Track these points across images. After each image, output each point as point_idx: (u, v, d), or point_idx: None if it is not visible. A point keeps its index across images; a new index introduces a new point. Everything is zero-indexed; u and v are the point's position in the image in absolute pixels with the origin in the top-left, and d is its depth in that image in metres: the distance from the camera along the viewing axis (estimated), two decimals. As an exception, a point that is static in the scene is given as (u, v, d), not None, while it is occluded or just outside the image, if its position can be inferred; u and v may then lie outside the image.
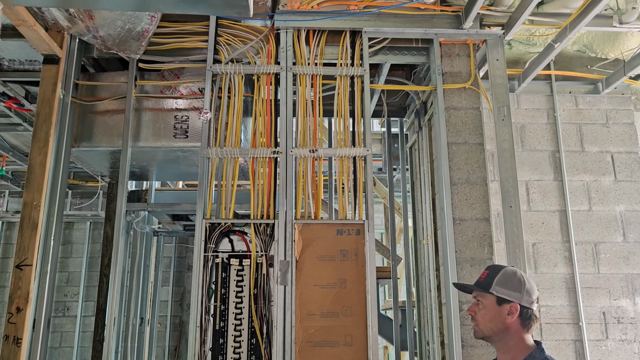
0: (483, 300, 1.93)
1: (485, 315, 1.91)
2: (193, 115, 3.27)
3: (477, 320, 1.94)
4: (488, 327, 1.90)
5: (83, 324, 7.53)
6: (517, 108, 3.96)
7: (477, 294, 1.96)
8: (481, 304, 1.93)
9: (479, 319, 1.93)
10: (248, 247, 2.89)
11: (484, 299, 1.93)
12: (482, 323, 1.92)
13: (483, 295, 1.94)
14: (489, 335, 1.91)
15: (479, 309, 1.93)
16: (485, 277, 1.96)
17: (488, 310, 1.91)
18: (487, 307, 1.92)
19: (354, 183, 3.01)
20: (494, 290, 1.91)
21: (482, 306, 1.93)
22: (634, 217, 3.77)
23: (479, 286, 1.96)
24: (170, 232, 5.11)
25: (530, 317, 1.91)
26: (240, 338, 2.76)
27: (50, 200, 2.89)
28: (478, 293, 1.95)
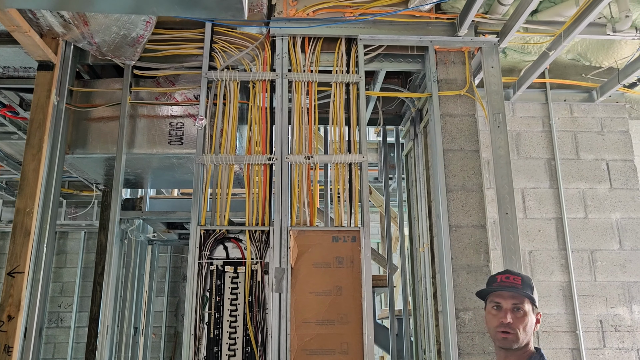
0: (523, 308, 1.85)
1: (527, 324, 1.84)
2: (188, 122, 3.26)
3: (515, 328, 1.83)
4: (527, 336, 1.84)
5: (77, 335, 7.45)
6: (512, 116, 3.97)
7: (520, 301, 1.86)
8: (522, 312, 1.85)
9: (519, 327, 1.83)
10: (243, 254, 2.86)
11: (523, 306, 1.86)
12: (522, 332, 1.83)
13: (524, 302, 1.86)
14: (524, 344, 1.84)
15: (518, 317, 1.85)
16: (522, 283, 1.89)
17: (529, 317, 1.86)
18: (529, 315, 1.86)
19: (349, 190, 3.00)
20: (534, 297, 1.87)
21: (522, 313, 1.85)
22: (630, 224, 3.77)
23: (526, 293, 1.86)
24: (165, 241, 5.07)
25: None
26: (235, 346, 2.73)
27: (43, 207, 2.86)
28: (519, 300, 1.86)
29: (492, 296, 1.92)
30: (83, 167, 3.41)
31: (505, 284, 1.90)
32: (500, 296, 1.89)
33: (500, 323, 1.86)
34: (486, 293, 1.94)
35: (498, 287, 1.91)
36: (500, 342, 1.87)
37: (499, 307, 1.88)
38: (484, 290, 1.96)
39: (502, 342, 1.86)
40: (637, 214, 3.78)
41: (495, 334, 1.88)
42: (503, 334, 1.84)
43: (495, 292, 1.91)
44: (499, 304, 1.89)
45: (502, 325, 1.85)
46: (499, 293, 1.90)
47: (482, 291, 1.97)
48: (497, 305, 1.89)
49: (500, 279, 1.93)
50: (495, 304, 1.90)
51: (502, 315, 1.86)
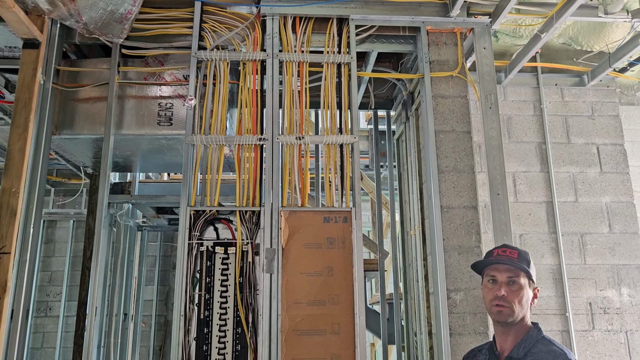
0: (519, 281, 1.84)
1: (522, 298, 1.83)
2: (177, 103, 3.22)
3: (510, 302, 1.82)
4: (522, 310, 1.83)
5: (66, 324, 7.38)
6: (503, 100, 3.97)
7: (516, 274, 1.85)
8: (517, 285, 1.83)
9: (514, 300, 1.82)
10: (233, 235, 2.84)
11: (519, 280, 1.84)
12: (517, 306, 1.82)
13: (519, 275, 1.85)
14: (519, 318, 1.83)
15: (513, 290, 1.83)
16: (518, 257, 1.87)
17: (525, 292, 1.84)
18: (524, 289, 1.84)
19: (341, 171, 2.98)
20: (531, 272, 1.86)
21: (518, 287, 1.83)
22: (620, 208, 3.78)
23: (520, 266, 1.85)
24: (154, 227, 5.03)
25: None
26: (226, 327, 2.71)
27: (30, 187, 2.82)
28: (515, 273, 1.85)
29: (488, 270, 1.91)
30: (71, 148, 3.36)
31: (502, 257, 1.89)
32: (495, 269, 1.88)
33: (495, 296, 1.84)
34: (482, 266, 1.93)
35: (494, 260, 1.90)
36: (495, 316, 1.86)
37: (495, 280, 1.87)
38: (480, 264, 1.95)
39: (496, 316, 1.85)
40: (626, 198, 3.80)
41: (491, 307, 1.87)
42: (497, 307, 1.83)
43: (491, 265, 1.90)
44: (494, 278, 1.88)
45: (496, 298, 1.84)
46: (494, 266, 1.89)
47: (478, 265, 1.96)
48: (492, 279, 1.88)
49: (496, 253, 1.92)
50: (491, 278, 1.89)
51: (496, 289, 1.85)
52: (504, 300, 1.82)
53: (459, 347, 2.77)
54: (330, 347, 2.66)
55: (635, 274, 3.65)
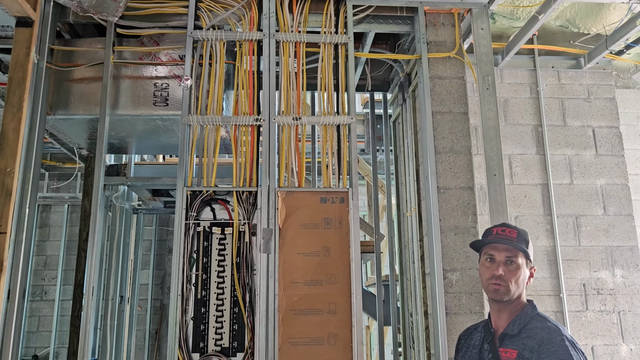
0: (516, 261, 1.86)
1: (519, 277, 1.85)
2: (173, 83, 3.19)
3: (507, 280, 1.84)
4: (519, 289, 1.86)
5: (61, 308, 7.40)
6: (500, 82, 3.96)
7: (514, 254, 1.87)
8: (515, 265, 1.86)
9: (511, 279, 1.84)
10: (230, 215, 2.84)
11: (517, 260, 1.86)
12: (514, 284, 1.84)
13: (517, 255, 1.87)
14: (515, 297, 1.86)
15: (510, 269, 1.86)
16: (517, 237, 1.89)
17: (522, 271, 1.86)
18: (521, 268, 1.86)
19: (337, 151, 2.97)
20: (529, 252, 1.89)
21: (515, 266, 1.86)
22: (614, 190, 3.81)
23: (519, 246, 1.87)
24: (150, 209, 5.02)
25: None
26: (223, 307, 2.72)
27: (25, 167, 2.80)
28: (513, 252, 1.87)
29: (487, 248, 1.92)
30: (65, 129, 3.33)
31: (501, 236, 1.90)
32: (494, 248, 1.90)
33: (493, 275, 1.87)
34: (481, 245, 1.95)
35: (493, 239, 1.91)
36: (491, 294, 1.88)
37: (493, 259, 1.89)
38: (478, 242, 1.96)
39: (493, 294, 1.87)
40: (621, 180, 3.83)
41: (487, 285, 1.89)
42: (495, 285, 1.86)
43: (490, 244, 1.92)
44: (492, 256, 1.89)
45: (494, 277, 1.86)
46: (493, 245, 1.90)
47: (476, 243, 1.97)
48: (490, 258, 1.90)
49: (496, 232, 1.93)
50: (489, 256, 1.91)
51: (494, 268, 1.87)
52: (501, 279, 1.85)
53: (455, 327, 2.80)
54: (327, 326, 2.67)
55: (628, 256, 3.69)
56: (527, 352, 1.76)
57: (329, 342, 2.65)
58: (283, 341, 2.64)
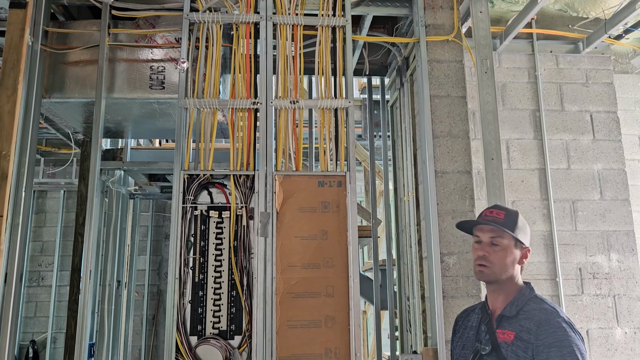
0: (502, 242, 1.86)
1: (503, 257, 1.85)
2: (169, 66, 3.17)
3: (491, 261, 1.85)
4: (504, 270, 1.85)
5: (58, 294, 7.41)
6: (498, 67, 3.94)
7: (498, 234, 1.86)
8: (500, 246, 1.85)
9: (494, 261, 1.85)
10: (227, 199, 2.83)
11: (503, 240, 1.86)
12: (497, 265, 1.84)
13: (503, 236, 1.86)
14: (502, 278, 1.86)
15: (495, 250, 1.85)
16: (504, 218, 1.88)
17: (507, 252, 1.85)
18: (506, 250, 1.85)
19: (335, 135, 2.96)
20: (516, 232, 1.87)
21: (500, 247, 1.85)
22: (611, 175, 3.81)
23: (503, 226, 1.86)
24: (147, 194, 5.01)
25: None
26: (220, 290, 2.72)
27: (20, 150, 2.78)
28: (498, 233, 1.87)
29: (475, 230, 1.94)
30: (61, 113, 3.31)
31: (488, 218, 1.92)
32: (480, 230, 1.92)
33: (478, 256, 1.89)
34: (469, 227, 1.97)
35: (477, 221, 1.93)
36: (477, 275, 1.91)
37: (479, 241, 1.92)
38: (464, 224, 1.99)
39: (478, 275, 1.90)
40: (618, 165, 3.83)
41: (475, 266, 1.91)
42: (480, 266, 1.88)
43: (476, 225, 1.93)
44: (479, 238, 1.92)
45: (479, 258, 1.88)
46: (480, 227, 1.92)
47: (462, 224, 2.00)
48: (477, 239, 1.93)
49: (484, 214, 1.95)
50: (476, 238, 1.93)
51: (480, 249, 1.89)
52: (485, 260, 1.86)
53: (452, 310, 2.81)
54: (324, 309, 2.68)
55: (624, 240, 3.70)
56: (525, 334, 1.77)
57: (327, 324, 2.66)
58: (281, 324, 2.65)
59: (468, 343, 1.96)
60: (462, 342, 2.00)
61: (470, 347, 1.93)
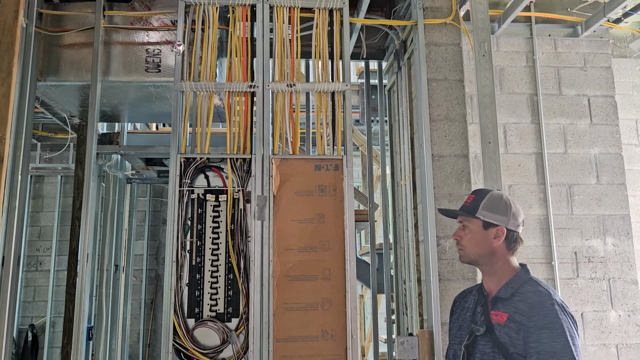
0: (469, 225, 1.93)
1: (471, 240, 1.92)
2: (165, 49, 3.15)
3: (462, 245, 1.94)
4: (474, 251, 1.91)
5: (57, 278, 7.44)
6: (496, 50, 3.92)
7: (463, 219, 1.95)
8: (467, 229, 1.93)
9: (464, 244, 1.93)
10: (224, 182, 2.83)
11: (470, 224, 1.93)
12: (468, 247, 1.92)
13: (469, 220, 1.93)
14: (475, 259, 1.93)
15: (465, 234, 1.93)
16: (471, 202, 1.95)
17: (474, 234, 1.91)
18: (473, 232, 1.92)
19: (332, 119, 2.95)
20: (480, 214, 1.90)
21: (468, 231, 1.93)
22: (608, 159, 3.82)
23: (465, 211, 1.95)
24: (144, 179, 5.00)
25: (516, 240, 1.93)
26: (218, 273, 2.73)
27: (16, 133, 2.77)
28: (464, 218, 1.95)
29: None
30: (57, 96, 3.29)
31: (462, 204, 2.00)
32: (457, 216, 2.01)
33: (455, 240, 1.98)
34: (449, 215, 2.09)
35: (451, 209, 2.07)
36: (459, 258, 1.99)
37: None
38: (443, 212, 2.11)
39: (459, 258, 1.99)
40: (615, 149, 3.83)
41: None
42: (458, 250, 1.98)
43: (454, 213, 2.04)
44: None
45: (456, 242, 1.98)
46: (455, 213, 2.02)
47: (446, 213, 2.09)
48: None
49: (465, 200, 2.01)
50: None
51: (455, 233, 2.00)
52: (458, 244, 1.96)
53: (448, 292, 2.83)
54: (321, 292, 2.70)
55: (620, 224, 3.72)
56: (518, 315, 1.79)
57: (323, 307, 2.67)
58: (277, 306, 2.66)
59: (464, 324, 1.98)
60: (459, 323, 2.02)
61: (466, 328, 1.95)
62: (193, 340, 2.64)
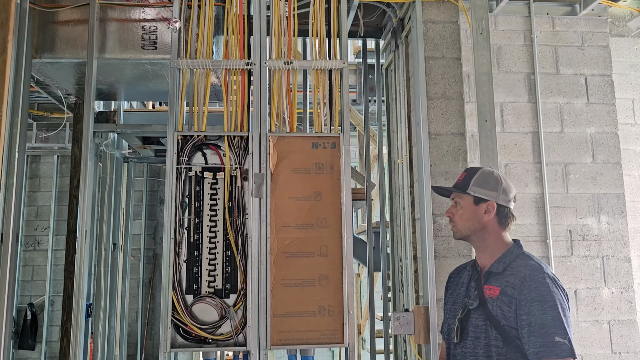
0: (460, 201, 1.98)
1: (462, 216, 1.96)
2: (162, 26, 3.12)
3: (455, 221, 1.99)
4: (466, 226, 1.96)
5: (55, 258, 7.47)
6: (494, 29, 3.90)
7: (455, 196, 2.01)
8: (459, 205, 1.98)
9: (457, 220, 1.98)
10: (222, 160, 2.84)
11: (461, 200, 1.98)
12: (460, 223, 1.97)
13: (460, 197, 1.98)
14: (468, 234, 1.97)
15: (457, 210, 1.98)
16: (463, 179, 2.00)
17: (465, 210, 1.96)
18: (464, 208, 1.97)
19: (329, 96, 2.95)
20: (471, 190, 1.95)
21: (459, 207, 1.98)
22: (604, 138, 3.83)
23: (457, 188, 2.01)
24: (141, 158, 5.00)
25: (507, 215, 1.96)
26: (215, 250, 2.75)
27: (12, 110, 2.76)
28: (456, 194, 2.00)
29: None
30: (52, 73, 3.27)
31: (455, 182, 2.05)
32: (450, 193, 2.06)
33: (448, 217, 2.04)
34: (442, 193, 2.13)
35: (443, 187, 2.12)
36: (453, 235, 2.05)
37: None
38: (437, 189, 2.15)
39: (453, 235, 2.04)
40: (611, 129, 3.84)
41: None
42: (452, 227, 2.03)
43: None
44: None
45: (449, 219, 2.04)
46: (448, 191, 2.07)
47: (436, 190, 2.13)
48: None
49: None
50: None
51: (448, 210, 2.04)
52: (451, 221, 2.02)
53: (443, 269, 2.87)
54: (318, 268, 2.73)
55: (614, 203, 3.75)
56: (510, 289, 1.82)
57: (320, 283, 2.71)
58: (275, 282, 2.70)
59: (459, 299, 2.02)
60: (453, 298, 2.06)
61: (460, 303, 1.99)
62: (192, 316, 2.67)
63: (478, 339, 1.85)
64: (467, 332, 1.89)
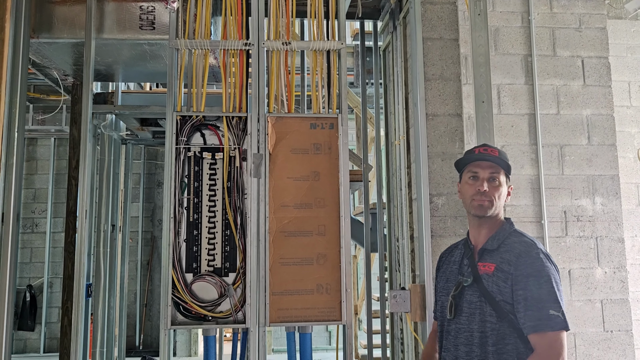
0: (499, 178, 1.93)
1: (501, 193, 1.93)
2: (159, 6, 3.12)
3: (492, 196, 1.92)
4: (500, 205, 1.93)
5: (53, 240, 7.51)
6: (492, 10, 3.90)
7: (495, 170, 1.93)
8: (497, 181, 1.93)
9: (494, 196, 1.92)
10: (220, 140, 2.86)
11: (499, 176, 1.93)
12: (497, 201, 1.92)
13: (500, 173, 1.94)
14: (496, 213, 1.94)
15: (495, 185, 1.93)
16: (500, 155, 1.95)
17: (503, 188, 1.94)
18: (502, 185, 1.94)
19: (327, 77, 2.96)
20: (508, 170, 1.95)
21: (498, 183, 1.93)
22: (599, 120, 3.85)
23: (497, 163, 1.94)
24: (139, 139, 5.01)
25: None
26: (215, 229, 2.79)
27: (11, 90, 2.77)
28: (496, 169, 1.93)
29: (470, 166, 1.97)
30: (50, 54, 3.27)
31: (484, 154, 1.95)
32: (478, 166, 1.95)
33: (477, 191, 1.93)
34: (465, 163, 2.00)
35: (478, 156, 1.96)
36: (475, 210, 1.94)
37: (476, 176, 1.95)
38: (462, 160, 2.01)
39: (477, 210, 1.94)
40: (607, 111, 3.86)
41: (471, 202, 1.95)
42: (479, 201, 1.93)
43: (474, 162, 1.97)
44: (476, 174, 1.95)
45: (478, 193, 1.93)
46: (477, 163, 1.96)
47: (460, 161, 2.02)
48: (474, 175, 1.96)
49: (478, 151, 1.98)
50: (472, 174, 1.96)
51: (479, 184, 1.93)
52: (485, 195, 1.92)
53: (440, 249, 2.91)
54: (316, 247, 2.77)
55: (609, 184, 3.79)
56: (505, 265, 1.85)
57: (318, 262, 2.75)
58: (274, 261, 2.73)
59: (451, 277, 2.04)
60: (446, 276, 2.08)
61: (453, 281, 2.01)
62: (191, 294, 2.71)
63: (473, 315, 1.88)
64: (461, 308, 1.92)
